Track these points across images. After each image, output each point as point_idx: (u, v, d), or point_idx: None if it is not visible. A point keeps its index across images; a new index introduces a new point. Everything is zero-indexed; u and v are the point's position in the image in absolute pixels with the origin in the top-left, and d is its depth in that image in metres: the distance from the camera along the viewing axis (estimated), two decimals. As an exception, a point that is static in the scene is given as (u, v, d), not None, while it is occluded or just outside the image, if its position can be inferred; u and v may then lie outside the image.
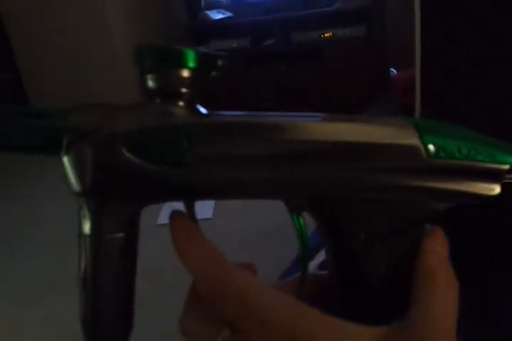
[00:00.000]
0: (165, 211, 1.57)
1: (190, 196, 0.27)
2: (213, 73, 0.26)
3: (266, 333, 0.24)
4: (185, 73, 0.25)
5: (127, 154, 0.24)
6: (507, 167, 0.26)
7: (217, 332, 0.25)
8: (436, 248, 0.26)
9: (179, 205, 0.28)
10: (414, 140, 0.25)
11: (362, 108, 2.07)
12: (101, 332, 0.26)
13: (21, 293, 1.35)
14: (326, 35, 2.38)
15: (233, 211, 1.63)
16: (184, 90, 0.26)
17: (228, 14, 2.61)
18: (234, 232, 1.50)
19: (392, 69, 2.31)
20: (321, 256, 0.44)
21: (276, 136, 0.25)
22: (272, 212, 1.49)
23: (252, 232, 1.50)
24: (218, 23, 2.56)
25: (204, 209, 1.61)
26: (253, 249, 1.41)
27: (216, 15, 2.57)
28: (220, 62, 0.26)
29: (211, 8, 2.60)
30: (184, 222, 0.26)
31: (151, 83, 0.26)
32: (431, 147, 0.26)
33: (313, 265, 0.42)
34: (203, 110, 0.26)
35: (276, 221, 1.40)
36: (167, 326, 1.05)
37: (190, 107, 0.26)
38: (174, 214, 0.27)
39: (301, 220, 0.28)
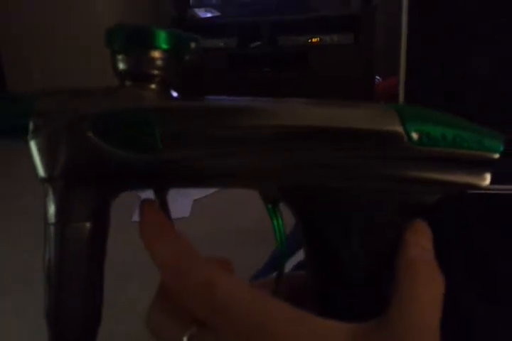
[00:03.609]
0: (140, 208, 1.55)
1: (161, 184, 0.26)
2: (186, 57, 0.25)
3: (233, 328, 0.22)
4: (157, 54, 0.24)
5: (94, 138, 0.23)
6: (497, 155, 0.25)
7: (184, 328, 0.24)
8: (419, 240, 0.25)
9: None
10: (396, 126, 0.24)
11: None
12: (67, 327, 0.24)
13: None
14: (313, 40, 2.38)
15: (210, 210, 1.61)
16: (156, 72, 0.25)
17: (216, 13, 2.60)
18: (210, 232, 1.49)
19: (377, 77, 2.32)
20: (297, 258, 0.43)
21: (249, 120, 0.24)
22: (249, 212, 1.48)
23: (228, 232, 1.49)
24: (206, 21, 2.55)
25: (181, 207, 1.60)
26: (228, 249, 1.39)
27: (204, 13, 2.55)
28: (193, 45, 0.25)
29: (199, 6, 2.59)
30: (153, 211, 0.25)
31: (121, 65, 0.25)
32: (413, 134, 0.24)
33: (289, 265, 0.41)
34: (175, 94, 0.25)
35: (253, 222, 1.39)
36: (138, 325, 1.03)
37: (162, 91, 0.25)
38: (144, 203, 0.25)
39: (277, 212, 0.27)
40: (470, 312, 0.43)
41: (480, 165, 0.25)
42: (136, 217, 1.51)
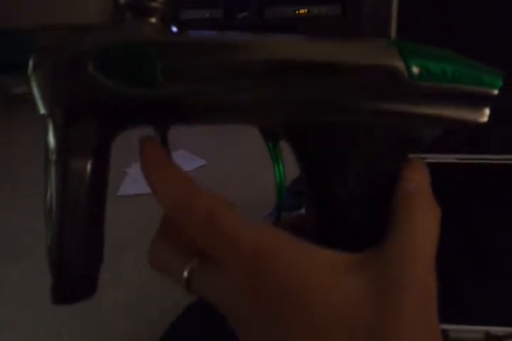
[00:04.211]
0: (126, 182, 1.54)
1: (161, 119, 0.25)
2: None
3: (235, 258, 0.22)
4: None
5: (94, 72, 0.23)
6: (496, 91, 0.25)
7: (185, 261, 0.24)
8: (417, 176, 0.25)
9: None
10: (396, 61, 0.24)
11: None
12: (69, 266, 0.24)
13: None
14: (300, 11, 2.35)
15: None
16: (156, 5, 0.24)
17: (202, -17, 2.55)
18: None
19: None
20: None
21: (250, 54, 0.24)
22: (235, 184, 1.48)
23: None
24: (191, -9, 2.50)
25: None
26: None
27: (189, -17, 2.50)
28: None
29: (185, -24, 2.53)
30: (154, 146, 0.25)
31: None
32: (414, 69, 0.24)
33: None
34: (175, 29, 0.25)
35: (238, 194, 1.39)
36: (127, 296, 1.04)
37: (163, 25, 0.25)
38: (144, 139, 0.25)
39: (278, 150, 0.27)
40: (459, 285, 0.44)
41: (479, 101, 0.25)
42: (122, 192, 1.51)
